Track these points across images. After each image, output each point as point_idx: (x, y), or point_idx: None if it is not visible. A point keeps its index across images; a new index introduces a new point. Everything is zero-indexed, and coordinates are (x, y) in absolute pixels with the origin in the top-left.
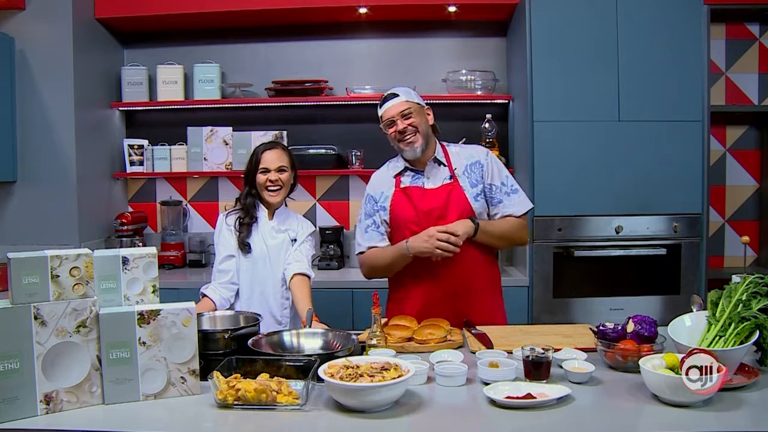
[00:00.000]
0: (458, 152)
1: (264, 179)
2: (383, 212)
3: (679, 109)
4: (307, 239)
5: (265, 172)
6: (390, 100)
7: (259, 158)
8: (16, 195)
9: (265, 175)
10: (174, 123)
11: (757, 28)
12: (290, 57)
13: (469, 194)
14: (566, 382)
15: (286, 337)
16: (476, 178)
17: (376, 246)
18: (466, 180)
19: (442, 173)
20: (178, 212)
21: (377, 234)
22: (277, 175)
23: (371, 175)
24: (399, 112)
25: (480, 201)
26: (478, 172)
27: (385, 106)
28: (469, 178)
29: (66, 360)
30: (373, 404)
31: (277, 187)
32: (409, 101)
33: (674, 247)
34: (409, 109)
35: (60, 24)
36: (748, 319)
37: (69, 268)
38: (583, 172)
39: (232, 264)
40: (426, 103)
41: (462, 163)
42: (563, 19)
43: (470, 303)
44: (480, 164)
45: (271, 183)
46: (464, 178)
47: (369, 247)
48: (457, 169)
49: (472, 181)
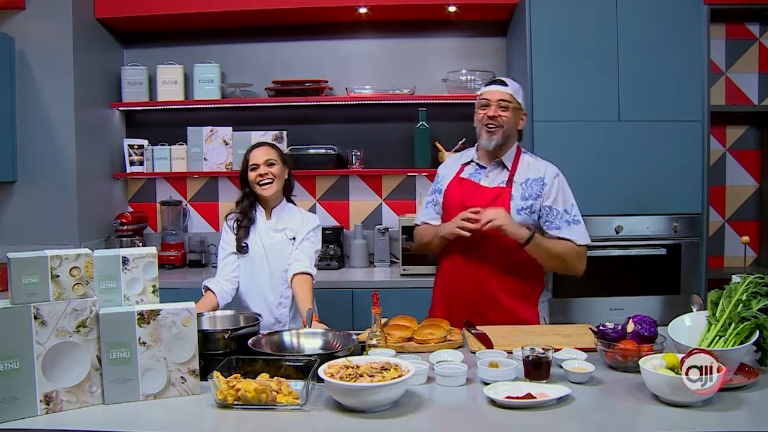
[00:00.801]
0: (530, 163)
1: (254, 175)
2: (438, 194)
3: (679, 109)
4: (309, 235)
5: (255, 168)
6: (496, 84)
7: (248, 157)
8: (16, 195)
9: (255, 171)
10: (174, 123)
11: (757, 28)
12: (290, 57)
13: (515, 205)
14: (566, 382)
15: (286, 337)
16: (531, 193)
17: (428, 223)
18: (520, 191)
19: (501, 175)
20: (178, 212)
21: (433, 212)
22: (266, 168)
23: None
24: (498, 99)
25: (523, 216)
26: (536, 189)
27: (490, 87)
28: (524, 190)
29: (66, 360)
30: (373, 404)
31: (268, 180)
32: (513, 96)
33: (674, 247)
34: (508, 102)
35: (60, 24)
36: (748, 319)
37: (69, 268)
38: (583, 172)
39: (233, 260)
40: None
41: (526, 175)
42: (563, 19)
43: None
44: (543, 182)
45: (261, 177)
46: (519, 187)
47: (423, 222)
48: (518, 178)
49: (525, 194)
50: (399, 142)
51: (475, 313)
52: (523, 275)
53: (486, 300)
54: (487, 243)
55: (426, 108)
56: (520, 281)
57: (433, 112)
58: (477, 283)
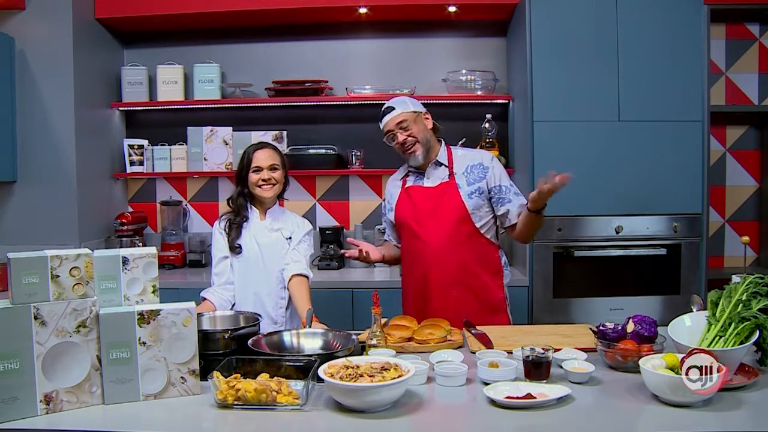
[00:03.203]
0: (463, 155)
1: (257, 178)
2: (390, 212)
3: (679, 109)
4: (304, 238)
5: (258, 170)
6: (387, 114)
7: (251, 158)
8: (16, 195)
9: (257, 174)
10: (174, 123)
11: (757, 28)
12: (290, 57)
13: (464, 192)
14: (566, 382)
15: (286, 337)
16: (475, 177)
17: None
18: (464, 179)
19: (441, 173)
20: (178, 212)
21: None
22: (269, 173)
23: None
24: (396, 124)
25: (474, 199)
26: (478, 173)
27: (383, 120)
28: (467, 177)
29: (66, 360)
30: (373, 404)
31: (270, 184)
32: (404, 112)
33: (674, 247)
34: (405, 120)
35: (60, 24)
36: (748, 319)
37: (69, 268)
38: (583, 172)
39: (227, 265)
40: (426, 103)
41: (464, 164)
42: (563, 19)
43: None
44: (483, 166)
45: (263, 182)
46: (462, 177)
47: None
48: (457, 170)
49: (470, 180)
50: None
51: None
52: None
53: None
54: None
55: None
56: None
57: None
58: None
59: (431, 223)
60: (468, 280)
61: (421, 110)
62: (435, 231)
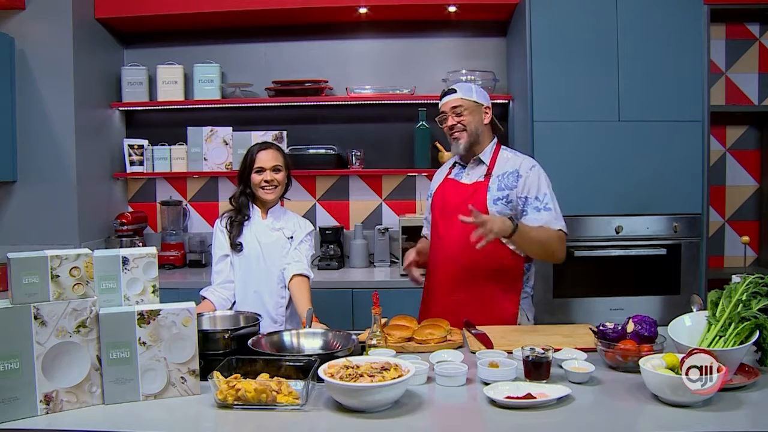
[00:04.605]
0: (508, 158)
1: (259, 179)
2: (429, 199)
3: (679, 109)
4: (305, 239)
5: (261, 171)
6: (447, 95)
7: (254, 158)
8: (16, 195)
9: (260, 174)
10: (174, 123)
11: (757, 28)
12: (290, 57)
13: (491, 196)
14: (566, 382)
15: (286, 337)
16: (506, 184)
17: (424, 236)
18: (496, 183)
19: (480, 171)
20: (178, 212)
21: (426, 223)
22: (272, 174)
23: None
24: (451, 108)
25: (499, 206)
26: (511, 180)
27: (442, 100)
28: (500, 182)
29: (66, 360)
30: (373, 404)
31: (272, 186)
32: (464, 99)
33: (674, 247)
34: (461, 106)
35: (60, 24)
36: (748, 319)
37: (69, 268)
38: (583, 172)
39: (227, 263)
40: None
41: (503, 168)
42: (563, 19)
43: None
44: (518, 174)
45: (266, 183)
46: (495, 180)
47: (422, 235)
48: (495, 172)
49: (501, 185)
50: (399, 142)
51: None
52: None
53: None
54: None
55: (426, 108)
56: (499, 279)
57: (433, 112)
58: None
59: (454, 220)
60: (475, 287)
61: (484, 103)
62: (453, 228)
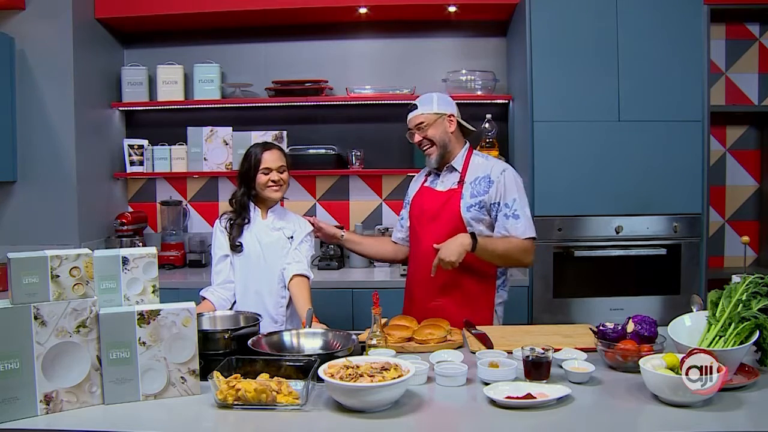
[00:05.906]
0: (479, 163)
1: (266, 179)
2: (406, 208)
3: (679, 109)
4: (305, 239)
5: (267, 172)
6: (410, 111)
7: (260, 158)
8: (16, 195)
9: (267, 175)
10: (174, 123)
11: (757, 28)
12: (290, 57)
13: (464, 203)
14: (566, 382)
15: (286, 337)
16: (479, 190)
17: (395, 242)
18: (469, 189)
19: (453, 178)
20: (178, 212)
21: (399, 225)
22: (278, 175)
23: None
24: (415, 125)
25: (472, 212)
26: (483, 185)
27: (408, 117)
28: (473, 188)
29: (66, 360)
30: (373, 404)
31: (279, 186)
32: (425, 114)
33: (674, 247)
34: (423, 122)
35: (60, 24)
36: (748, 319)
37: (69, 268)
38: (583, 172)
39: (227, 264)
40: None
41: (475, 174)
42: (563, 19)
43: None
44: (490, 179)
45: (273, 183)
46: (468, 187)
47: (392, 241)
48: (467, 178)
49: (473, 192)
50: (399, 142)
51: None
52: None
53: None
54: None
55: None
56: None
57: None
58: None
59: (430, 227)
60: (453, 291)
61: (446, 112)
62: (431, 235)
